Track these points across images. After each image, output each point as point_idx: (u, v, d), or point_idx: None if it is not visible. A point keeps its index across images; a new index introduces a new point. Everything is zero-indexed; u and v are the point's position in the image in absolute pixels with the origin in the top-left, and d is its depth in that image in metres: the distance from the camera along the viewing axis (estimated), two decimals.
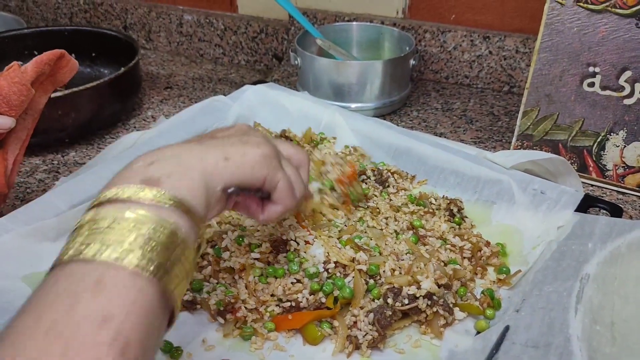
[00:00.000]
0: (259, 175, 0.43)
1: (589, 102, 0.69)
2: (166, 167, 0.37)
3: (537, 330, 0.47)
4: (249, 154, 0.42)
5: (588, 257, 0.53)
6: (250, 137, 0.44)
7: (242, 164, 0.42)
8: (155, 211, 0.34)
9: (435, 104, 0.94)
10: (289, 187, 0.46)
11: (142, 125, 0.90)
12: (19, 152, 0.60)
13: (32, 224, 0.58)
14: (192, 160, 0.39)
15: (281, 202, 0.46)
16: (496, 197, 0.66)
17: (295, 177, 0.47)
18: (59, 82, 0.62)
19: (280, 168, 0.45)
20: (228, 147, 0.42)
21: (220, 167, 0.40)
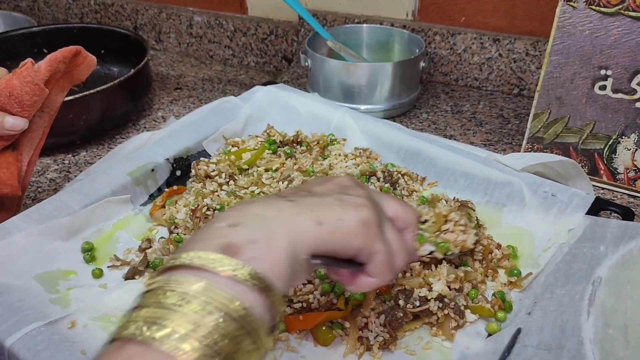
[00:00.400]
0: (354, 246, 0.37)
1: (600, 105, 0.69)
2: (250, 232, 0.33)
3: (549, 333, 0.47)
4: (345, 219, 0.36)
5: (600, 260, 0.53)
6: (350, 197, 0.38)
7: (336, 231, 0.36)
8: (229, 289, 0.30)
9: (444, 106, 0.94)
10: (387, 261, 0.39)
11: (152, 125, 0.91)
12: (33, 153, 0.59)
13: (44, 223, 0.59)
14: (279, 225, 0.34)
15: (376, 275, 0.39)
16: (507, 199, 0.66)
17: (397, 245, 0.40)
18: (76, 79, 0.60)
19: (380, 237, 0.38)
20: (322, 208, 0.36)
21: (311, 232, 0.35)
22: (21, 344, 0.46)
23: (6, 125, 0.54)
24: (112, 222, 0.65)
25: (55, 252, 0.59)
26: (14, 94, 0.54)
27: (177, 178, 0.72)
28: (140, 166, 0.68)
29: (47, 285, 0.55)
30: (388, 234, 0.40)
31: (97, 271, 0.58)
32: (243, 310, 0.29)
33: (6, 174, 0.56)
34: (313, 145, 0.76)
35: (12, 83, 0.54)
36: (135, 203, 0.67)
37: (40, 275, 0.56)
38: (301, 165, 0.71)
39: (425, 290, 0.52)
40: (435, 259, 0.54)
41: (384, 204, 0.42)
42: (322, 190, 0.40)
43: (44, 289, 0.54)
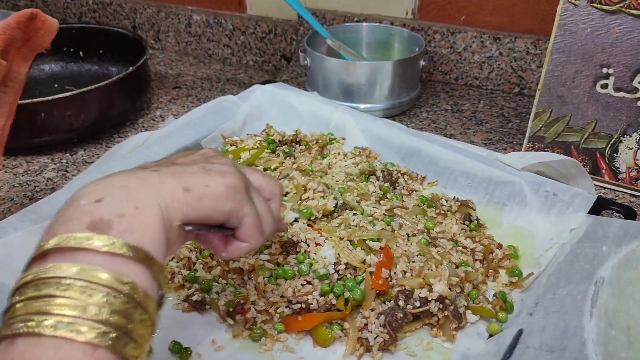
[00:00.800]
0: (223, 210, 0.37)
1: (602, 103, 0.68)
2: (116, 205, 0.32)
3: (552, 334, 0.46)
4: (212, 184, 0.37)
5: (602, 260, 0.53)
6: (214, 165, 0.39)
7: (203, 196, 0.36)
8: (108, 266, 0.29)
9: (444, 105, 0.94)
10: (256, 224, 0.40)
11: (151, 124, 0.90)
12: (4, 126, 0.55)
13: (41, 223, 0.58)
14: (146, 194, 0.33)
15: (247, 239, 0.40)
16: (507, 198, 0.65)
17: (264, 212, 0.41)
18: (38, 46, 0.56)
19: (248, 201, 0.39)
20: (188, 175, 0.36)
21: (179, 199, 0.35)
22: None
23: None
24: None
25: None
26: None
27: None
28: (138, 165, 0.67)
29: None
30: (256, 201, 0.41)
31: None
32: (126, 283, 0.29)
33: None
34: (312, 145, 0.76)
35: None
36: None
37: None
38: (300, 165, 0.70)
39: (425, 290, 0.51)
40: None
41: (249, 175, 0.43)
42: (186, 161, 0.40)
43: None
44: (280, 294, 0.53)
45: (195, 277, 0.55)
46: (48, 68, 1.02)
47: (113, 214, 0.31)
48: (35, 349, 0.26)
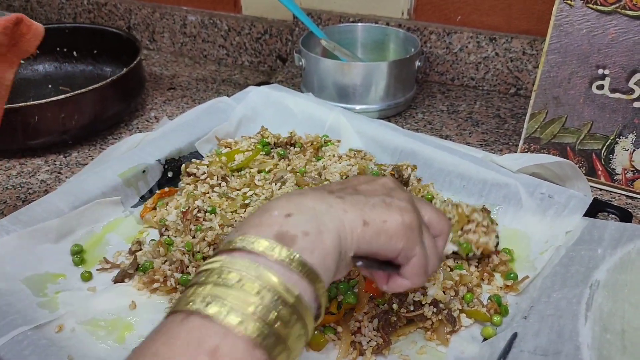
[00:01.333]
0: (396, 248, 0.38)
1: (597, 104, 0.68)
2: (304, 223, 0.34)
3: (546, 338, 0.46)
4: (390, 221, 0.37)
5: (598, 263, 0.52)
6: (394, 200, 0.39)
7: (380, 232, 0.37)
8: (283, 276, 0.32)
9: (440, 106, 0.93)
10: (422, 264, 0.40)
11: (145, 126, 0.90)
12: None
13: (33, 225, 0.58)
14: (330, 220, 0.35)
15: (410, 278, 0.40)
16: (503, 200, 0.65)
17: (432, 251, 0.41)
18: (24, 52, 0.55)
19: (419, 241, 0.39)
20: (369, 208, 0.37)
21: (358, 231, 0.36)
22: (7, 348, 0.45)
23: None
24: (102, 224, 0.64)
25: (44, 254, 0.58)
26: None
27: (168, 179, 0.71)
28: (131, 167, 0.67)
29: (35, 288, 0.54)
30: (425, 238, 0.41)
31: (86, 274, 0.57)
32: (295, 296, 0.31)
33: None
34: (307, 147, 0.75)
35: None
36: (125, 205, 0.66)
37: (29, 278, 0.55)
38: (294, 167, 0.70)
39: (419, 294, 0.51)
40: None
41: (421, 209, 0.42)
42: (368, 190, 0.41)
43: (32, 292, 0.53)
44: None
45: (187, 280, 0.55)
46: (42, 68, 1.01)
47: (299, 230, 0.34)
48: (205, 330, 0.29)
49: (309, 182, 0.66)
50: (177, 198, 0.65)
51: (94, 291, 0.56)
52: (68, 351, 0.47)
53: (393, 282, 0.41)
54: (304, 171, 0.68)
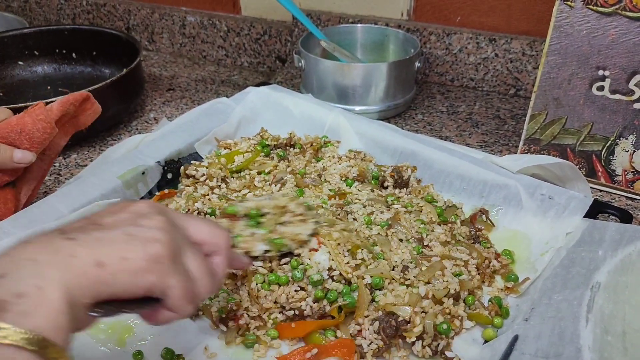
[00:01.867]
0: (142, 285, 0.34)
1: (598, 106, 0.68)
2: (17, 283, 0.29)
3: (547, 340, 0.46)
4: (130, 257, 0.33)
5: (598, 264, 0.52)
6: (141, 229, 0.35)
7: (118, 271, 0.33)
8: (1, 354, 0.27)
9: (440, 107, 0.93)
10: (183, 295, 0.36)
11: (144, 127, 0.89)
12: (31, 194, 0.60)
13: (32, 228, 0.58)
14: (53, 270, 0.30)
15: (174, 310, 0.37)
16: (503, 201, 0.65)
17: (198, 274, 0.38)
18: (81, 124, 0.62)
19: (174, 271, 0.35)
20: (105, 246, 0.33)
21: (91, 276, 0.31)
22: None
23: (15, 159, 0.55)
24: None
25: None
26: (25, 130, 0.56)
27: (168, 181, 0.71)
28: (131, 169, 0.67)
29: None
30: (189, 263, 0.37)
31: None
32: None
33: (3, 209, 0.58)
34: (306, 148, 0.75)
35: (24, 120, 0.56)
36: None
37: None
38: (294, 168, 0.70)
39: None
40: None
41: (189, 227, 0.39)
42: (111, 222, 0.36)
43: None
44: (274, 300, 0.52)
45: None
46: (41, 70, 1.01)
47: (12, 294, 0.29)
48: None
49: (309, 183, 0.66)
50: (177, 200, 0.65)
51: None
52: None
53: (160, 315, 0.37)
54: (303, 172, 0.68)
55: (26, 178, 0.58)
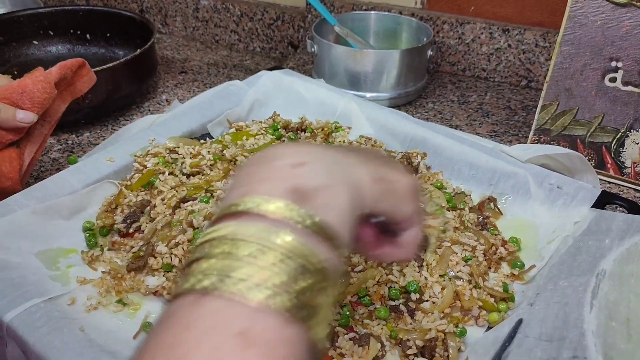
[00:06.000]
0: (405, 211, 0.35)
1: (609, 97, 0.68)
2: (315, 176, 0.30)
3: (551, 324, 0.47)
4: (401, 182, 0.35)
5: (604, 253, 0.53)
6: (396, 164, 0.37)
7: (391, 191, 0.34)
8: (302, 240, 0.27)
9: (451, 96, 0.94)
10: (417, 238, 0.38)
11: (157, 108, 0.90)
12: (33, 156, 0.61)
13: (46, 201, 0.59)
14: (344, 174, 0.31)
15: (405, 248, 0.38)
16: (511, 190, 0.65)
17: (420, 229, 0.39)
18: (77, 91, 0.64)
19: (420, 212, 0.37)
20: (380, 166, 0.34)
21: (369, 188, 0.33)
22: (20, 319, 0.46)
23: (17, 117, 0.58)
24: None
25: (57, 230, 0.58)
26: (26, 90, 0.59)
27: None
28: (144, 147, 0.68)
29: (48, 262, 0.55)
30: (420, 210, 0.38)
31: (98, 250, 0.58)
32: (320, 261, 0.27)
33: (8, 167, 0.59)
34: (317, 132, 0.76)
35: (25, 82, 0.59)
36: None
37: (41, 252, 0.55)
38: None
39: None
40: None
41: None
42: (371, 153, 0.37)
43: (44, 266, 0.54)
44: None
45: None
46: (55, 50, 1.02)
47: (315, 184, 0.29)
48: (227, 311, 0.24)
49: None
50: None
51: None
52: (80, 323, 0.48)
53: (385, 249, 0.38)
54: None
55: (29, 140, 0.61)
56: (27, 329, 0.45)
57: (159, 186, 0.62)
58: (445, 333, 0.49)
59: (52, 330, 0.45)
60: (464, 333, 0.50)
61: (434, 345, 0.48)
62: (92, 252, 0.57)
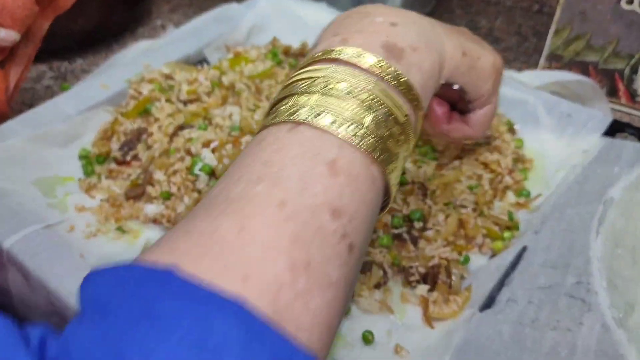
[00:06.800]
0: (483, 87, 0.37)
1: (625, 21, 0.64)
2: (410, 36, 0.31)
3: (556, 251, 0.46)
4: (484, 59, 0.36)
5: (613, 181, 0.52)
6: (483, 42, 0.38)
7: (474, 66, 0.36)
8: (391, 93, 0.29)
9: (459, 21, 0.89)
10: (492, 115, 0.40)
11: (151, 34, 0.87)
12: (19, 78, 0.58)
13: (40, 129, 0.57)
14: (434, 38, 0.32)
15: (476, 127, 0.40)
16: (520, 118, 0.63)
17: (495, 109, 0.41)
18: (60, 8, 0.60)
19: (498, 90, 0.39)
20: (466, 41, 0.35)
21: (456, 59, 0.34)
22: (20, 245, 0.45)
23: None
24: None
25: (53, 158, 0.57)
26: (6, 7, 0.54)
27: None
28: (138, 73, 0.65)
29: (45, 190, 0.54)
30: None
31: (94, 177, 0.57)
32: (406, 115, 0.29)
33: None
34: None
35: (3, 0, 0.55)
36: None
37: (38, 180, 0.54)
38: None
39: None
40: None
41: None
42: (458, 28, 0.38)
43: (41, 193, 0.53)
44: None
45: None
46: None
47: (407, 44, 0.31)
48: (320, 141, 0.27)
49: None
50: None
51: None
52: (80, 250, 0.47)
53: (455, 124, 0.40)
54: None
55: (13, 61, 0.58)
56: (27, 255, 0.45)
57: (155, 113, 0.60)
58: (448, 260, 0.49)
59: (52, 256, 0.45)
60: (468, 261, 0.50)
61: (437, 272, 0.48)
62: (89, 180, 0.56)
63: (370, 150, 0.27)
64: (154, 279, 0.21)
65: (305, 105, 0.28)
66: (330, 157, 0.26)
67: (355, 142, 0.27)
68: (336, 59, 0.29)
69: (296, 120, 0.27)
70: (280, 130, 0.27)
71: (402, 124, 0.29)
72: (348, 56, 0.29)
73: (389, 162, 0.28)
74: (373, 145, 0.27)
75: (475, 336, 0.42)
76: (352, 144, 0.27)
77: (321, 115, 0.27)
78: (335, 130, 0.27)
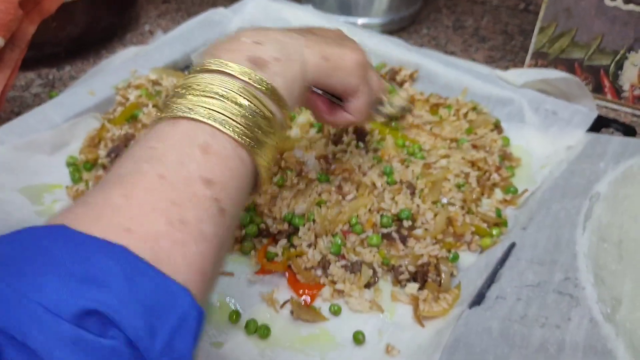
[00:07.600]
0: (350, 83, 0.42)
1: (609, 17, 0.65)
2: (272, 51, 0.36)
3: (544, 247, 0.46)
4: (347, 58, 0.41)
5: (599, 176, 0.52)
6: (347, 42, 0.43)
7: (337, 67, 0.41)
8: (257, 93, 0.34)
9: (446, 21, 0.90)
10: (367, 102, 0.45)
11: (139, 40, 0.87)
12: (6, 84, 0.58)
13: (27, 137, 0.57)
14: (295, 51, 0.38)
15: (355, 114, 0.45)
16: (507, 117, 0.64)
17: (376, 91, 0.46)
18: (45, 11, 0.60)
19: (366, 81, 0.44)
20: (327, 46, 0.40)
21: (318, 65, 0.39)
22: None
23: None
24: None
25: (40, 166, 0.57)
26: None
27: None
28: (125, 79, 0.65)
29: (32, 198, 0.54)
30: (371, 81, 0.45)
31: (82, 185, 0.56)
32: (271, 112, 0.35)
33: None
34: None
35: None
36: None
37: (25, 188, 0.54)
38: None
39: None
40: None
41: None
42: (323, 34, 0.44)
43: (29, 201, 0.53)
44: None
45: None
46: None
47: (270, 57, 0.36)
48: (195, 130, 0.32)
49: None
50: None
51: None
52: None
53: (337, 114, 0.45)
54: None
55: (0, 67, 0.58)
56: None
57: (143, 119, 0.60)
58: (437, 258, 0.49)
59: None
60: (457, 258, 0.50)
61: (427, 271, 0.48)
62: (76, 187, 0.55)
63: (238, 137, 0.32)
64: (47, 233, 0.26)
65: (183, 104, 0.33)
66: (203, 142, 0.31)
67: (226, 130, 0.32)
68: (209, 69, 0.35)
69: (176, 115, 0.32)
70: (165, 125, 0.33)
71: (268, 119, 0.34)
72: (217, 66, 0.34)
73: (257, 148, 0.34)
74: (241, 133, 0.32)
75: (465, 334, 0.42)
76: (223, 132, 0.32)
77: (196, 110, 0.32)
78: (208, 122, 0.32)
